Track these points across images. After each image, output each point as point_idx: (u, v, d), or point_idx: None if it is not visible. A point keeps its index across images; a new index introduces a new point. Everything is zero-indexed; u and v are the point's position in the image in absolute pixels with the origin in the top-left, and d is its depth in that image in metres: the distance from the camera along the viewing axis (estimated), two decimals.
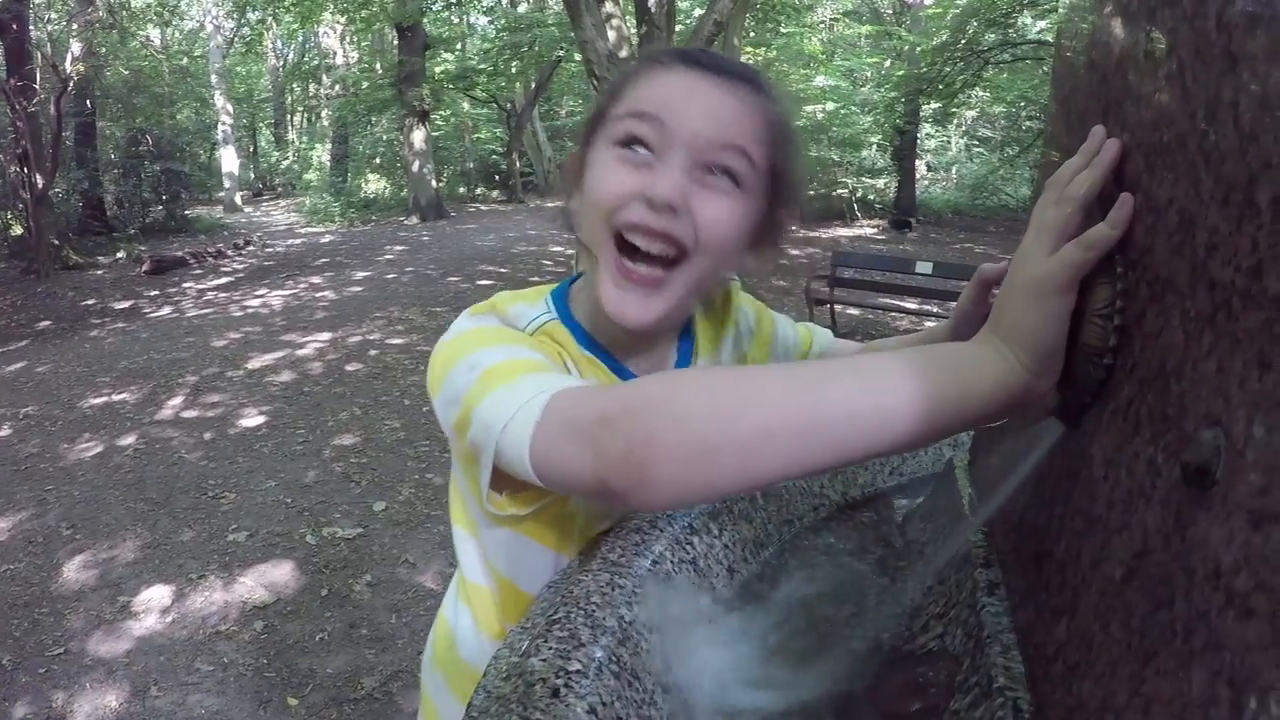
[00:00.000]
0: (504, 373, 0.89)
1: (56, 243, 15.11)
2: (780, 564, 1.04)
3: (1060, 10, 18.61)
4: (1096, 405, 0.69)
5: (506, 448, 0.83)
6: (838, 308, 10.14)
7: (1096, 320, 0.69)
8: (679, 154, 0.95)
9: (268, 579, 4.43)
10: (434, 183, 23.19)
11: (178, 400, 7.42)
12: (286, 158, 36.43)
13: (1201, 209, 0.57)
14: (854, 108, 22.27)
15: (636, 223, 0.95)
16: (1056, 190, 0.73)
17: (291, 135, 39.15)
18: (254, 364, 8.53)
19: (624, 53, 11.24)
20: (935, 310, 10.31)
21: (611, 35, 11.19)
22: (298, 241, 19.59)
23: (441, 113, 27.26)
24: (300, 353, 8.92)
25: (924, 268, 9.72)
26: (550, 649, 0.73)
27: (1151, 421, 0.60)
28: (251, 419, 6.82)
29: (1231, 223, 0.53)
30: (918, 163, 25.73)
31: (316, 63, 33.36)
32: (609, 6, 11.31)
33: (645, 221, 0.95)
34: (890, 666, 0.86)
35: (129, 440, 6.46)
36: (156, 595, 4.29)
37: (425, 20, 23.68)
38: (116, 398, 7.57)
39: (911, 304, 10.41)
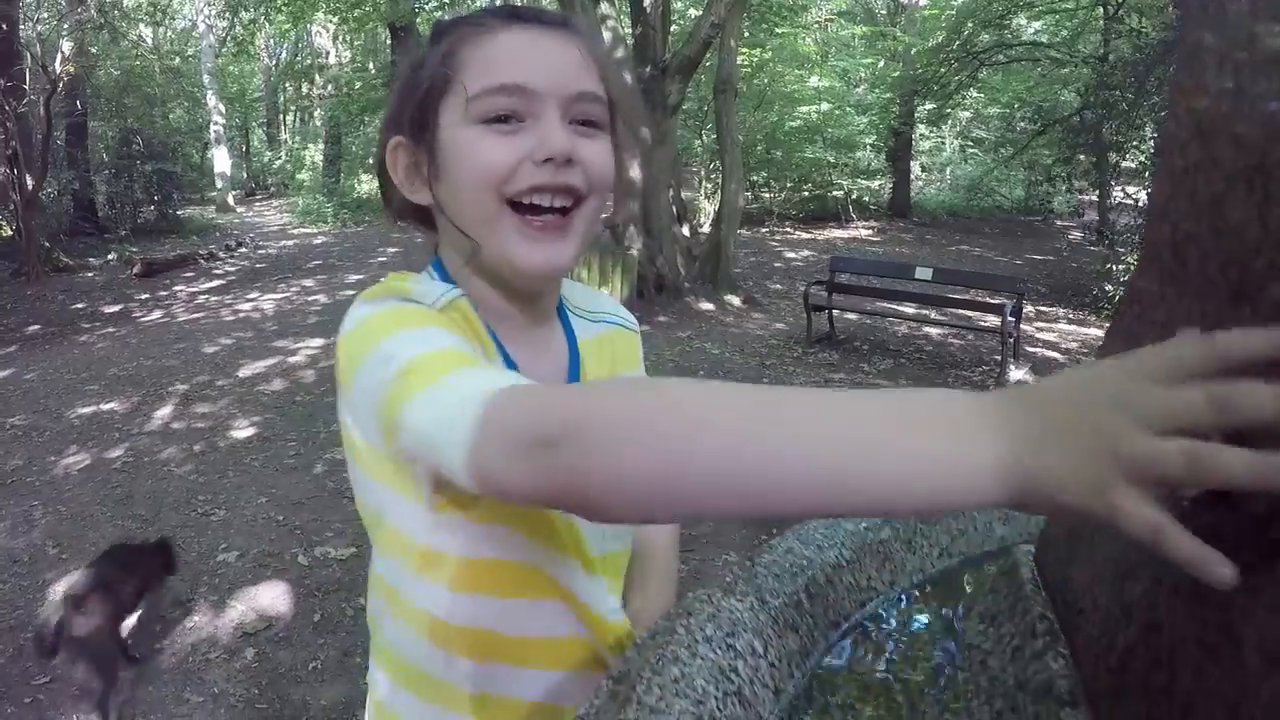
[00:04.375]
0: (424, 371, 0.84)
1: (47, 245, 14.96)
2: (827, 678, 0.94)
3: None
4: (1250, 577, 0.57)
5: (444, 462, 0.79)
6: (835, 313, 10.05)
7: None
8: (552, 111, 0.97)
9: (259, 603, 4.32)
10: None
11: (167, 410, 7.30)
12: (279, 158, 36.22)
13: None
14: (849, 109, 22.21)
15: (535, 184, 0.97)
16: (1207, 357, 0.54)
17: (284, 135, 38.94)
18: (245, 371, 8.41)
19: (619, 53, 11.14)
20: (933, 315, 10.23)
21: (607, 37, 11.08)
22: (290, 243, 19.45)
23: None
24: (292, 360, 8.81)
25: (923, 273, 9.63)
26: None
27: None
28: (242, 430, 6.70)
29: None
30: (912, 164, 25.68)
31: (309, 62, 33.18)
32: (604, 8, 11.20)
33: (543, 181, 0.97)
34: None
35: (117, 453, 6.34)
36: (144, 620, 4.18)
37: (418, 20, 23.55)
38: (105, 407, 7.44)
39: (910, 309, 10.30)
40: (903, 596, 1.09)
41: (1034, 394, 0.60)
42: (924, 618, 1.06)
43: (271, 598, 4.37)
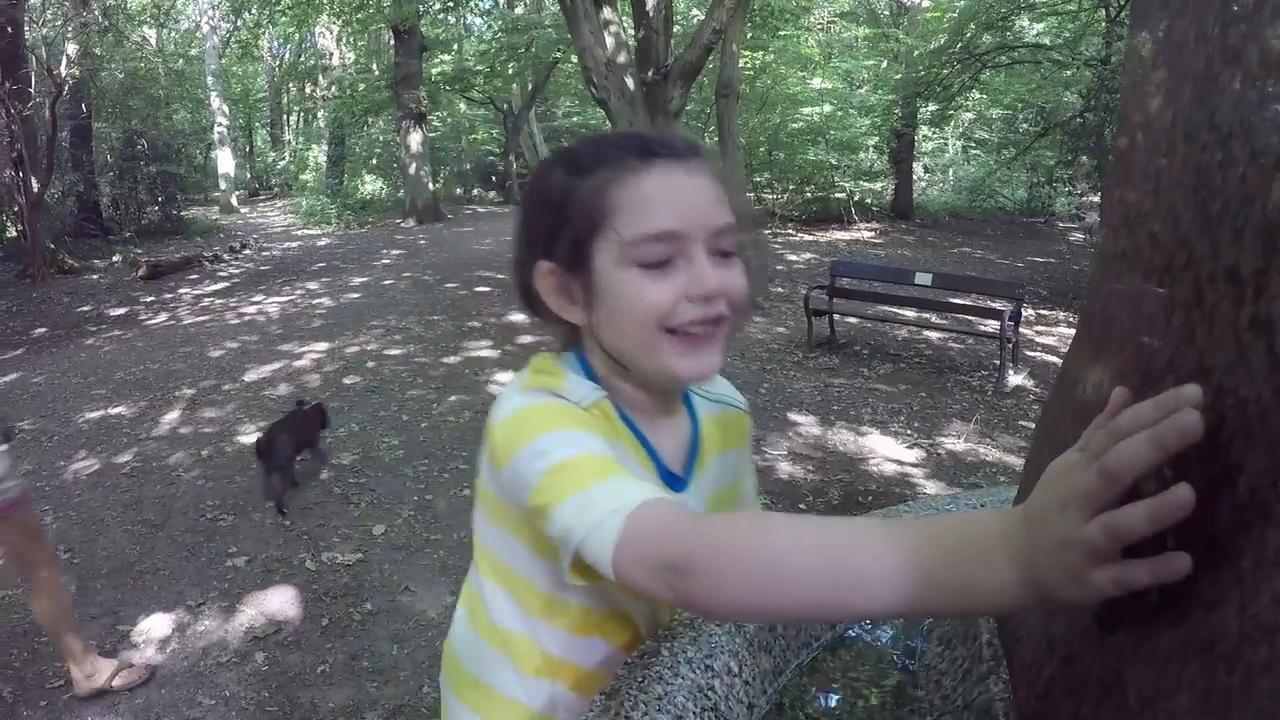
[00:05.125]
0: (576, 474, 0.98)
1: (51, 246, 15.08)
2: (798, 693, 1.03)
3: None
4: (1134, 630, 0.67)
5: (586, 555, 0.94)
6: (836, 317, 10.12)
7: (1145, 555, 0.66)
8: (700, 250, 1.06)
9: (268, 607, 4.42)
10: (430, 185, 23.18)
11: (174, 415, 7.40)
12: (283, 158, 36.35)
13: (1278, 507, 0.53)
14: (851, 110, 22.24)
15: (691, 319, 1.06)
16: (1109, 440, 0.66)
17: (288, 135, 39.05)
18: (251, 376, 8.51)
19: (622, 58, 11.20)
20: (934, 320, 10.31)
21: (610, 42, 11.15)
22: (294, 244, 19.54)
23: (438, 114, 27.25)
24: (297, 364, 8.90)
25: (923, 279, 9.67)
26: None
27: (1193, 692, 0.58)
28: (249, 435, 6.77)
29: None
30: (915, 165, 25.72)
31: (313, 63, 33.31)
32: (607, 13, 11.27)
33: (699, 315, 1.06)
34: None
35: (126, 457, 6.44)
36: (156, 624, 4.28)
37: (422, 22, 23.64)
38: (113, 411, 7.54)
39: (910, 313, 10.39)
40: (870, 621, 1.19)
41: (1026, 515, 0.72)
42: (889, 640, 1.16)
43: (280, 602, 4.47)
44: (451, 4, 25.03)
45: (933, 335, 10.45)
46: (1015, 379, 8.45)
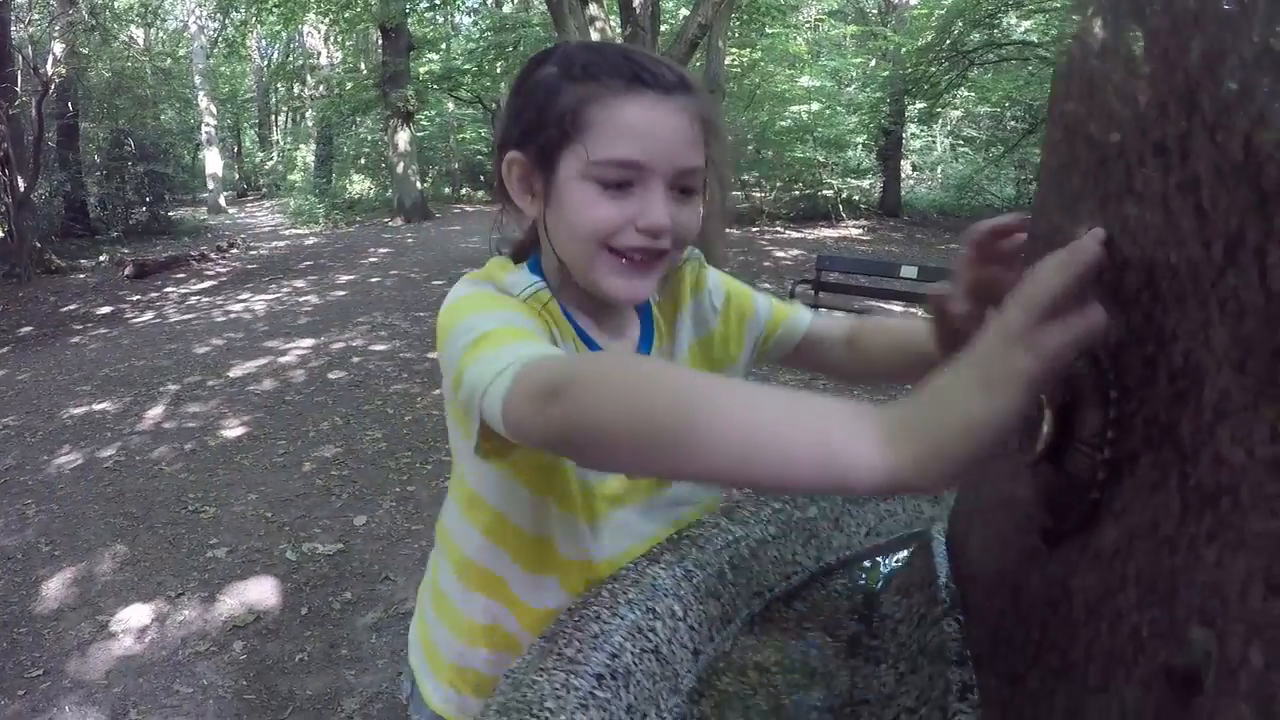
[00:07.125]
0: (492, 339, 1.00)
1: (38, 246, 15.01)
2: (747, 641, 1.02)
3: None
4: (1080, 536, 0.66)
5: (486, 409, 0.93)
6: (822, 311, 10.08)
7: (1083, 449, 0.64)
8: (659, 184, 1.08)
9: (247, 597, 4.40)
10: (419, 184, 23.15)
11: (159, 410, 7.37)
12: (271, 158, 36.28)
13: (1211, 362, 0.51)
14: (839, 108, 22.23)
15: (632, 246, 1.09)
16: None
17: (276, 135, 38.99)
18: (236, 372, 8.48)
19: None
20: (920, 313, 10.32)
21: (595, 38, 11.13)
22: (282, 244, 19.50)
23: (426, 113, 27.19)
24: (282, 360, 8.88)
25: (909, 272, 9.68)
26: None
27: (1139, 585, 0.56)
28: (232, 429, 6.77)
29: (1247, 395, 0.47)
30: (903, 163, 25.73)
31: (301, 63, 33.24)
32: (593, 9, 11.26)
33: (641, 244, 1.09)
34: None
35: (109, 452, 6.41)
36: (136, 614, 4.25)
37: (409, 21, 23.61)
38: (97, 407, 7.51)
39: (896, 307, 10.40)
40: (827, 571, 1.18)
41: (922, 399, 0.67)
42: (845, 590, 1.15)
43: (260, 592, 4.45)
44: (439, 2, 25.04)
45: None
46: None
